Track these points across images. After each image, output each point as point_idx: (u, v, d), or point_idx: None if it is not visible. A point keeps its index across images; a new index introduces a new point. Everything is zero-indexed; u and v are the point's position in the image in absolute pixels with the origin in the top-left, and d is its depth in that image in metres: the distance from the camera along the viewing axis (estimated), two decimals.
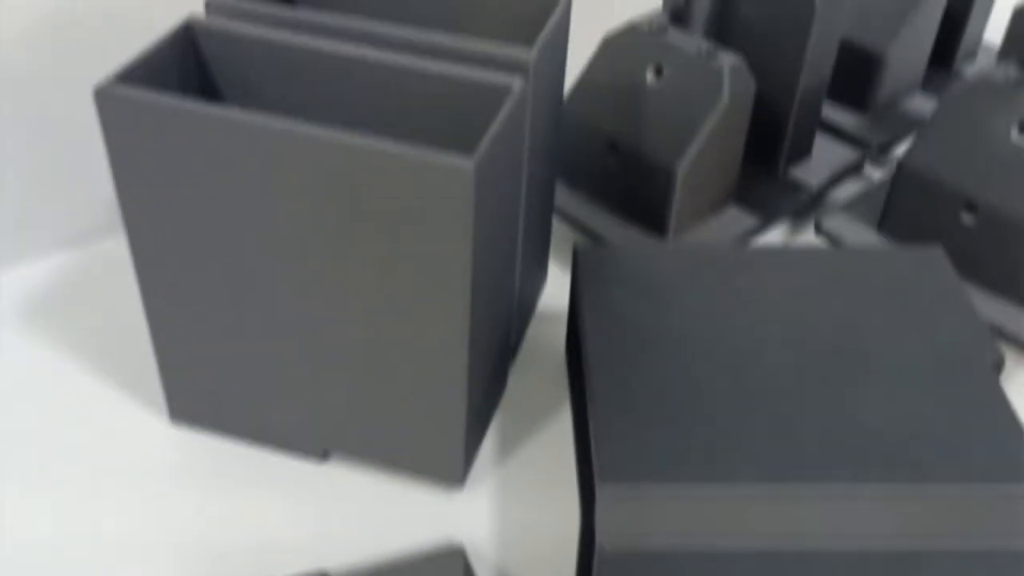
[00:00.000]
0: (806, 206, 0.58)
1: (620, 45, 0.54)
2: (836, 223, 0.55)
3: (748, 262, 0.47)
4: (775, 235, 0.58)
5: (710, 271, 0.46)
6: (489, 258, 0.38)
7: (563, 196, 0.56)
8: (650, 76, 0.53)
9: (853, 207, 0.57)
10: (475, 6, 0.45)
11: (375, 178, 0.35)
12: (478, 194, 0.34)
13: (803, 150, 0.59)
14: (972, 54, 0.71)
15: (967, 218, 0.51)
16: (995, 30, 0.72)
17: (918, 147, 0.53)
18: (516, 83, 0.38)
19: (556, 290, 0.54)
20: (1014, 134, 0.49)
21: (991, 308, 0.50)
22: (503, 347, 0.45)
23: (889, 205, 0.54)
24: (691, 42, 0.53)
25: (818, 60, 0.55)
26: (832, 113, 0.64)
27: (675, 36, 0.53)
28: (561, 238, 0.56)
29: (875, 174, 0.63)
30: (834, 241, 0.55)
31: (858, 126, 0.63)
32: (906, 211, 0.54)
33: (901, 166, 0.53)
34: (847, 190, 0.61)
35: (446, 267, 0.36)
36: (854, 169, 0.61)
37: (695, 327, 0.43)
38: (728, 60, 0.51)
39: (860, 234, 0.55)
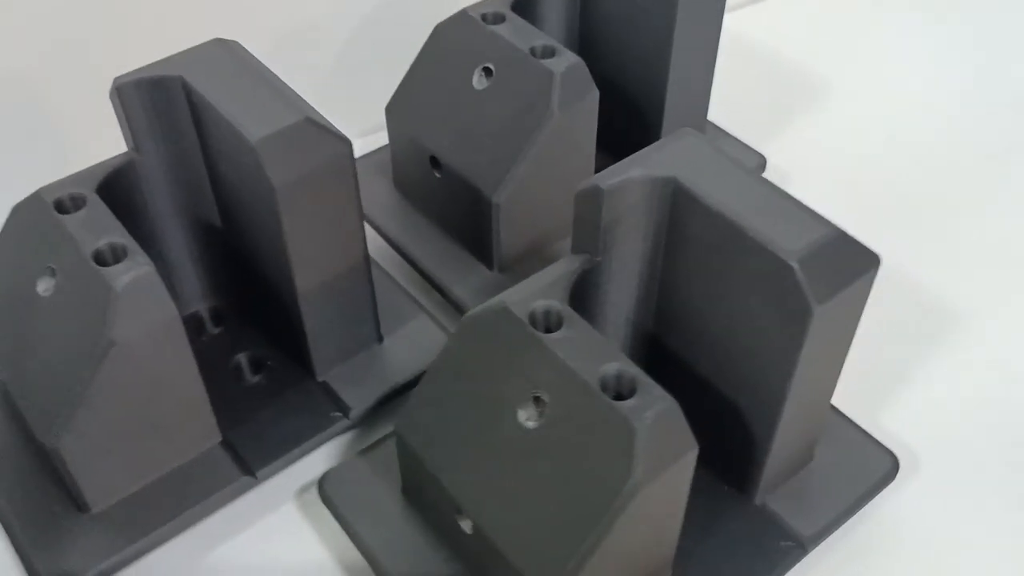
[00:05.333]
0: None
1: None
2: (341, 483, 0.39)
3: None
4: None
5: None
6: None
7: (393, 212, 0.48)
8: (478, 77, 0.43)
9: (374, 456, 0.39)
10: None
11: None
12: None
13: None
14: None
15: (466, 526, 0.34)
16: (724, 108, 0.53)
17: (415, 412, 0.35)
18: None
19: None
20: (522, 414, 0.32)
21: None
22: None
23: (405, 479, 0.37)
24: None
25: None
26: (453, 270, 0.46)
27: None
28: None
29: None
30: (335, 513, 0.38)
31: (486, 286, 0.46)
32: (417, 494, 0.37)
33: (397, 437, 0.36)
34: None
35: None
36: None
37: None
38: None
39: (374, 498, 0.38)
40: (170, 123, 0.38)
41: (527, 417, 0.32)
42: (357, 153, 0.53)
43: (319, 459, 0.42)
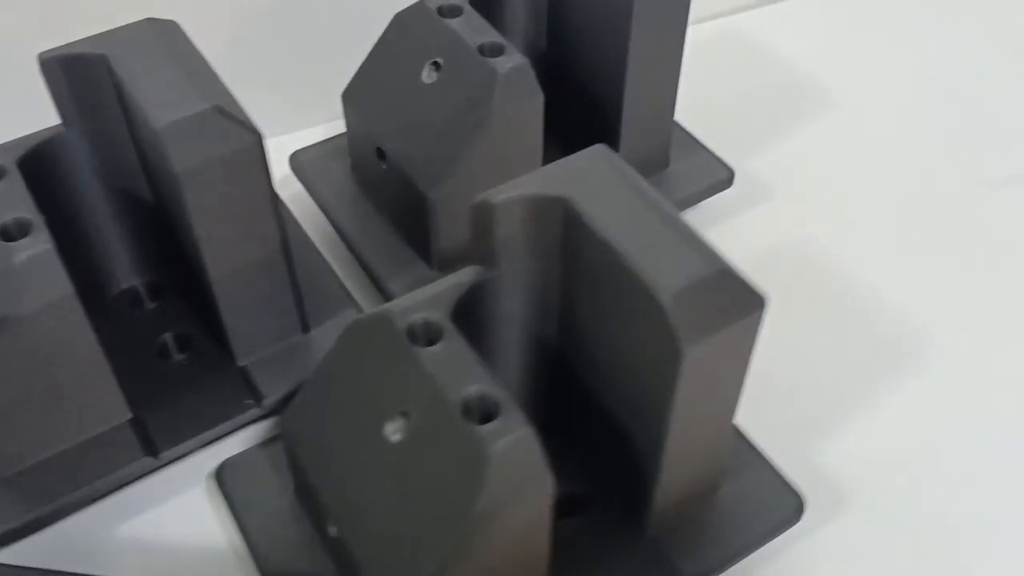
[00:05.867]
0: None
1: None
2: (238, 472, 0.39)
3: None
4: None
5: None
6: None
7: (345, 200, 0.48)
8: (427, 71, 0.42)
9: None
10: None
11: None
12: None
13: None
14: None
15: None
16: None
17: (298, 412, 0.34)
18: None
19: None
20: (391, 428, 0.31)
21: None
22: None
23: (292, 474, 0.37)
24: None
25: None
26: (392, 265, 0.46)
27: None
28: None
29: None
30: (228, 502, 0.38)
31: (422, 283, 0.45)
32: (301, 491, 0.36)
33: (282, 434, 0.35)
34: None
35: None
36: None
37: None
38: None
39: (266, 491, 0.38)
40: (95, 101, 0.38)
41: (393, 431, 0.31)
42: (321, 136, 0.53)
43: (235, 445, 0.42)
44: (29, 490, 0.38)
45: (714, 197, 0.51)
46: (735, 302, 0.29)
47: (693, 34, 0.62)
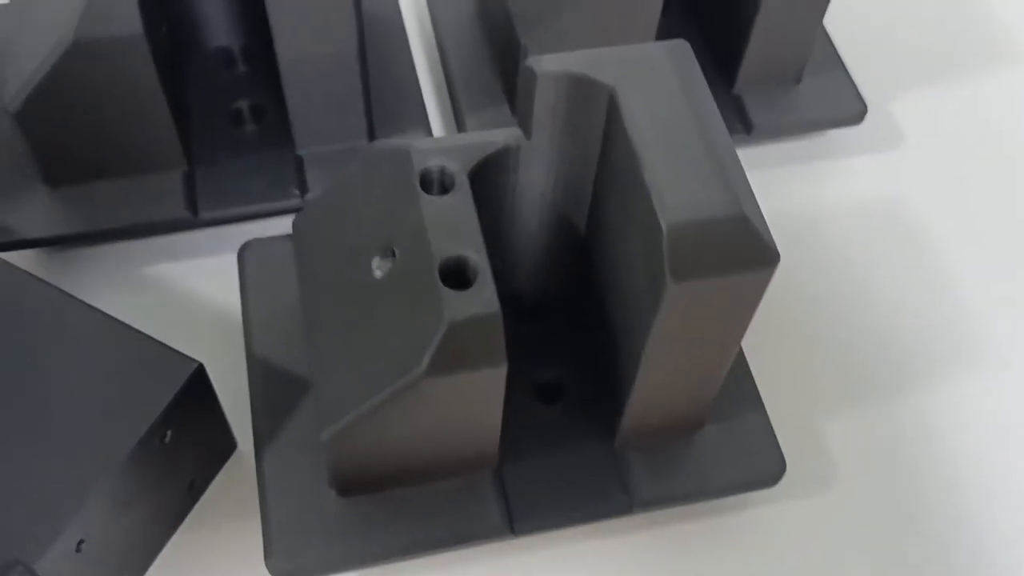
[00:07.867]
0: None
1: None
2: (259, 255, 0.39)
3: None
4: None
5: None
6: None
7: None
8: None
9: None
10: None
11: None
12: None
13: None
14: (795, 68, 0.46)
15: None
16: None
17: (306, 218, 0.34)
18: None
19: None
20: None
21: None
22: None
23: None
24: None
25: None
26: (478, 96, 0.44)
27: None
28: None
29: None
30: (241, 280, 0.39)
31: (500, 124, 0.43)
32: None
33: (294, 228, 0.35)
34: None
35: None
36: None
37: None
38: None
39: (277, 278, 0.39)
40: None
41: (377, 266, 0.31)
42: None
43: (282, 226, 0.42)
44: (75, 207, 0.40)
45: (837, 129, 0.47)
46: (743, 253, 0.27)
47: None
